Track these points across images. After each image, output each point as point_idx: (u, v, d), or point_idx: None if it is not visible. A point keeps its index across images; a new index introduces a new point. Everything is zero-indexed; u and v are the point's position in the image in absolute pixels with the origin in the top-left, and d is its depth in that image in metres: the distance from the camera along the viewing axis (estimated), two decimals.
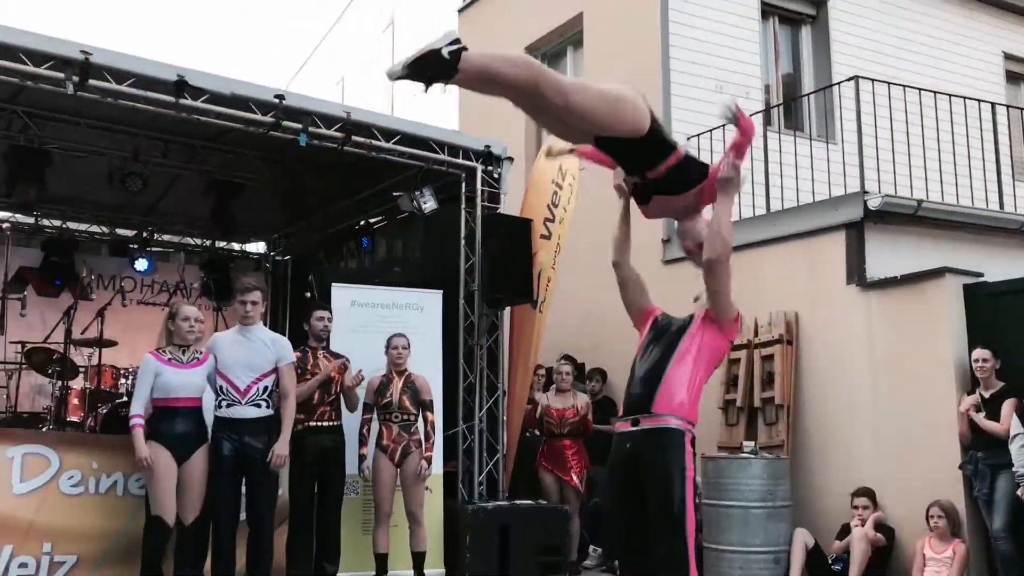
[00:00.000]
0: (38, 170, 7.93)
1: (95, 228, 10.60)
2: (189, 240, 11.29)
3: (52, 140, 7.92)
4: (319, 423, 6.12)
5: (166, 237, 11.15)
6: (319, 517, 6.17)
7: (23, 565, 5.63)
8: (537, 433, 7.97)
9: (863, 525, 6.42)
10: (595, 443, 8.17)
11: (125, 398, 7.93)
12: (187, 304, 6.20)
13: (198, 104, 6.59)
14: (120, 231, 10.68)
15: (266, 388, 5.56)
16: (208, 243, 11.25)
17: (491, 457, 7.73)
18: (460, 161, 7.85)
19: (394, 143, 7.47)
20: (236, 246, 11.68)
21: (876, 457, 6.83)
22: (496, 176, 8.00)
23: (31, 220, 10.24)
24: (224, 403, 5.51)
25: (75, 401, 8.54)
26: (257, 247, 11.86)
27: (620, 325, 8.77)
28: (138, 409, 5.37)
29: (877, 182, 7.95)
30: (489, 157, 7.97)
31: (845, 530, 6.53)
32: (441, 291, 7.56)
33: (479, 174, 7.89)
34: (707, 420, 7.75)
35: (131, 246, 10.57)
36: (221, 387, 5.54)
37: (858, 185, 7.67)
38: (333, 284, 7.32)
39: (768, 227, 7.95)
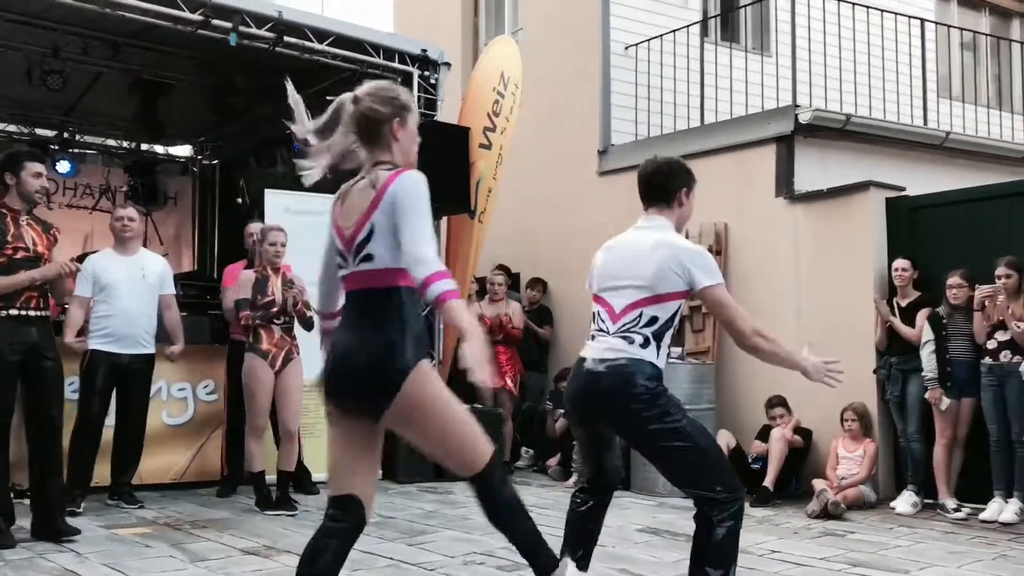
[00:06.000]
0: None
1: (12, 128, 10.16)
2: (112, 142, 10.92)
3: None
4: (23, 311, 4.66)
5: (88, 139, 10.75)
6: (30, 435, 4.82)
7: None
8: None
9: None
10: (527, 349, 8.36)
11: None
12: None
13: None
14: (40, 131, 10.26)
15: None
16: (132, 145, 10.90)
17: None
18: (396, 65, 7.72)
19: (327, 44, 7.30)
20: (161, 149, 11.33)
21: None
22: (433, 82, 7.90)
23: None
24: None
25: None
26: (183, 150, 11.52)
27: (555, 239, 8.79)
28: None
29: (809, 96, 8.07)
30: (426, 62, 7.85)
31: (765, 432, 6.84)
32: None
33: (415, 79, 7.77)
34: None
35: (52, 147, 10.17)
36: None
37: (790, 99, 7.78)
38: (266, 190, 7.21)
39: (701, 139, 8.05)
